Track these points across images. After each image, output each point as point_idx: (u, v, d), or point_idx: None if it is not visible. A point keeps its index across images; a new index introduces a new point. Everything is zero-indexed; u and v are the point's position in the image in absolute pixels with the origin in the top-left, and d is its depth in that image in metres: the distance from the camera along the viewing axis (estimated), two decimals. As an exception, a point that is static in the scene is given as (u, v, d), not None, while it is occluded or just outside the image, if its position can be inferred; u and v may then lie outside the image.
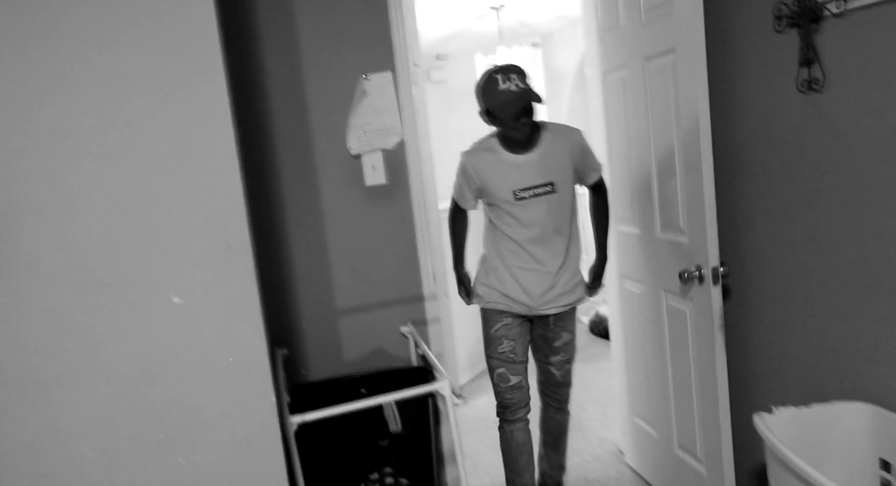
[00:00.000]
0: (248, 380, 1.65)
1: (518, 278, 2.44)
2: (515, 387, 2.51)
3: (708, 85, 2.06)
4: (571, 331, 2.59)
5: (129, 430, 1.59)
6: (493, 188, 2.39)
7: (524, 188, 2.36)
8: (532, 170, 2.36)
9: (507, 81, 2.22)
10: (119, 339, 1.57)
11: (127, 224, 1.55)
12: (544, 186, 2.36)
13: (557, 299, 2.48)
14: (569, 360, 2.62)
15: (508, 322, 2.50)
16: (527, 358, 2.56)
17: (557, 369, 2.61)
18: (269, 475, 1.69)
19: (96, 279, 1.54)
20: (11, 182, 1.49)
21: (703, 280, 2.17)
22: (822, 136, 1.82)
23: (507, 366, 2.50)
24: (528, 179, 2.36)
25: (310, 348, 2.71)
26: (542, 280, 2.44)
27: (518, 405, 2.53)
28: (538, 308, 2.47)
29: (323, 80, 2.58)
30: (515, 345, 2.50)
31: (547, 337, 2.57)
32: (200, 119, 1.56)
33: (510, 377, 2.50)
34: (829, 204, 1.84)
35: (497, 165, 2.38)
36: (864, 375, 1.82)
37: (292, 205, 2.63)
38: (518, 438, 2.56)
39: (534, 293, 2.44)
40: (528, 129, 2.30)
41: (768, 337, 2.16)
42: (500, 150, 2.39)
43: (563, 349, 2.58)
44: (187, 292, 1.59)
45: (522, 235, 2.41)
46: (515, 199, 2.37)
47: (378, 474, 2.45)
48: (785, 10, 1.85)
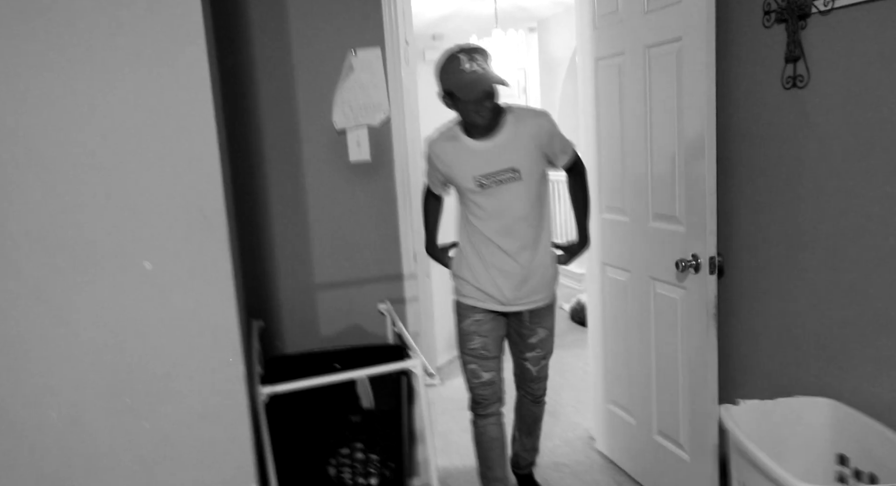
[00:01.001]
0: (217, 349, 1.66)
1: (490, 271, 2.36)
2: (487, 383, 2.46)
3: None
4: (548, 327, 2.51)
5: (94, 393, 1.59)
6: (456, 176, 2.31)
7: (487, 175, 2.26)
8: (495, 156, 2.26)
9: (471, 62, 2.12)
10: (87, 302, 1.56)
11: (98, 186, 1.54)
12: (508, 172, 2.26)
13: (531, 296, 2.39)
14: (545, 356, 2.55)
15: (479, 318, 2.42)
16: (500, 353, 2.50)
17: (533, 365, 2.55)
18: (235, 444, 1.70)
19: (65, 242, 1.53)
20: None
21: (699, 269, 2.19)
22: (803, 132, 1.83)
23: (479, 362, 2.44)
24: (491, 166, 2.26)
25: (287, 322, 2.71)
26: (513, 274, 2.34)
27: (490, 400, 2.49)
28: (511, 303, 2.39)
29: (311, 52, 2.56)
30: (487, 341, 2.43)
31: (522, 333, 2.49)
32: (178, 83, 1.55)
33: (482, 374, 2.45)
34: (806, 201, 1.85)
35: (459, 153, 2.29)
36: (828, 371, 1.85)
37: (275, 178, 2.61)
38: (490, 432, 2.52)
39: (505, 288, 2.35)
40: (489, 113, 2.20)
41: (745, 329, 2.18)
42: (462, 136, 2.29)
43: (539, 346, 2.50)
44: (159, 258, 1.58)
45: (489, 226, 2.31)
46: (478, 186, 2.27)
47: (349, 449, 2.46)
48: (774, 5, 1.85)
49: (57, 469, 1.59)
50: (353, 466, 2.46)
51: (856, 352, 1.75)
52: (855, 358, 1.75)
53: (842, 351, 1.79)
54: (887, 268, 1.63)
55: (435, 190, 2.50)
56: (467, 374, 2.48)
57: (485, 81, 2.10)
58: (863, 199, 1.67)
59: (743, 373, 2.22)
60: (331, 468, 2.45)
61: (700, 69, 2.07)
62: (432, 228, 2.61)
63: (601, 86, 2.73)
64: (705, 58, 2.04)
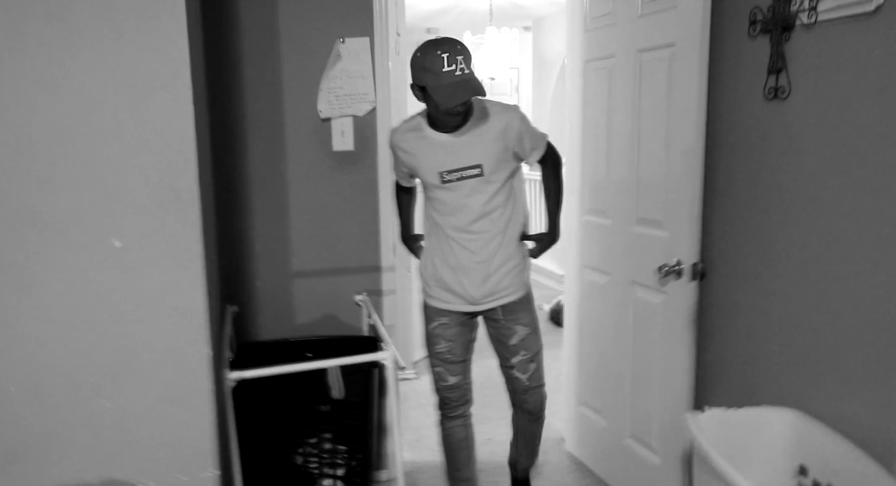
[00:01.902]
0: (184, 331, 1.64)
1: (453, 269, 2.27)
2: (453, 387, 2.39)
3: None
4: (528, 324, 2.35)
5: (56, 369, 1.57)
6: (419, 170, 2.23)
7: (450, 170, 2.18)
8: (460, 151, 2.17)
9: (453, 64, 1.98)
10: (53, 276, 1.54)
11: (69, 160, 1.52)
12: (471, 168, 2.17)
13: (498, 291, 2.29)
14: (532, 358, 2.37)
15: (445, 322, 2.33)
16: (467, 357, 2.41)
17: (521, 372, 2.36)
18: (197, 428, 1.69)
19: (33, 214, 1.51)
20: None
21: (681, 275, 2.19)
22: (783, 143, 1.83)
23: (445, 366, 2.36)
24: (455, 161, 2.17)
25: (262, 308, 2.70)
26: (475, 271, 2.25)
27: (457, 402, 2.42)
28: (479, 302, 2.29)
29: (299, 38, 2.54)
30: (453, 346, 2.34)
31: (501, 336, 2.35)
32: (156, 58, 1.53)
33: (447, 377, 2.37)
34: (782, 213, 1.86)
35: (423, 146, 2.21)
36: (795, 383, 1.86)
37: (256, 163, 2.60)
38: (457, 434, 2.46)
39: (469, 286, 2.26)
40: (460, 118, 2.12)
41: (718, 337, 2.19)
42: (427, 129, 2.20)
43: (522, 346, 2.34)
44: (129, 237, 1.57)
45: (449, 222, 2.23)
46: (442, 182, 2.19)
47: (316, 438, 2.46)
48: (760, 15, 1.86)
49: (13, 443, 1.58)
50: (320, 456, 2.45)
51: (823, 366, 1.76)
52: (822, 372, 1.77)
53: (810, 364, 1.81)
54: (857, 284, 1.64)
55: (402, 182, 2.43)
56: (433, 376, 2.41)
57: (465, 90, 2.00)
58: (836, 214, 1.68)
59: (715, 380, 2.23)
60: (298, 457, 2.45)
61: (692, 76, 2.07)
62: (406, 218, 2.55)
63: (589, 88, 2.73)
64: (698, 65, 2.04)
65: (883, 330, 1.58)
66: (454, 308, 2.32)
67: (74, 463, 1.61)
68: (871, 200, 1.58)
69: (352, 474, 2.48)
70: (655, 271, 2.29)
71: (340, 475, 2.47)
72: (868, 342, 1.62)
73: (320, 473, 2.45)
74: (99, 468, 1.63)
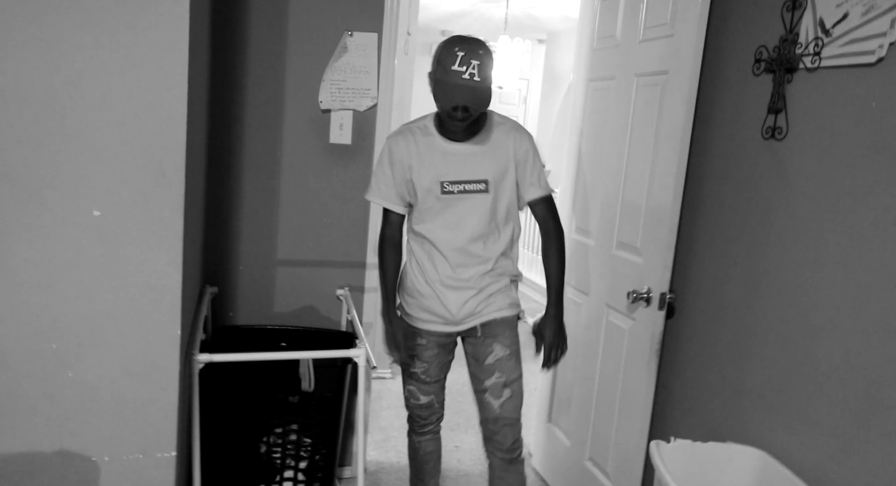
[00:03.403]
0: (156, 308, 1.63)
1: (433, 286, 2.12)
2: (425, 406, 2.29)
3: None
4: (507, 345, 2.14)
5: (20, 333, 1.55)
6: (418, 177, 2.06)
7: (453, 181, 2.04)
8: (466, 162, 2.04)
9: (466, 65, 1.85)
10: (26, 238, 1.53)
11: (56, 123, 1.50)
12: (476, 182, 2.04)
13: (483, 308, 2.14)
14: (507, 383, 2.13)
15: (422, 343, 2.19)
16: (442, 378, 2.29)
17: (493, 396, 2.13)
18: (159, 407, 1.68)
19: (12, 174, 1.49)
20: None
21: (649, 302, 2.19)
22: (775, 184, 1.83)
23: (418, 385, 2.25)
24: (460, 172, 2.04)
25: (242, 293, 2.68)
26: (460, 289, 2.11)
27: (428, 421, 2.33)
28: (460, 322, 2.15)
29: (307, 28, 2.53)
30: (429, 367, 2.22)
31: (476, 353, 2.16)
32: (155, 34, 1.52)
33: (420, 396, 2.27)
34: (767, 253, 1.86)
35: (427, 150, 2.05)
36: (763, 423, 1.85)
37: (252, 148, 2.58)
38: (426, 448, 2.38)
39: (451, 304, 2.11)
40: (462, 125, 1.97)
41: (692, 367, 2.18)
42: (435, 133, 2.06)
43: (498, 367, 2.12)
44: (109, 208, 1.55)
45: (440, 236, 2.08)
46: (442, 192, 2.04)
47: (283, 429, 2.44)
48: (765, 54, 1.86)
49: (-31, 405, 1.56)
50: (284, 447, 2.43)
51: (792, 409, 1.76)
52: (791, 415, 1.76)
53: (779, 406, 1.80)
54: (834, 333, 1.63)
55: (392, 206, 2.13)
56: (405, 393, 2.31)
57: (464, 96, 1.87)
58: (821, 261, 1.68)
59: (682, 413, 2.22)
60: (262, 446, 2.43)
61: (680, 106, 2.07)
62: (392, 279, 2.20)
63: (589, 107, 2.73)
64: (687, 95, 2.05)
65: (855, 381, 1.57)
66: (433, 328, 2.18)
67: (29, 431, 1.59)
68: (856, 248, 1.58)
69: (314, 468, 2.46)
70: (626, 295, 2.28)
71: (302, 467, 2.45)
72: (839, 391, 1.61)
73: (283, 464, 2.44)
74: (54, 439, 1.61)
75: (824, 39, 1.65)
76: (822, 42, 1.66)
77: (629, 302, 2.27)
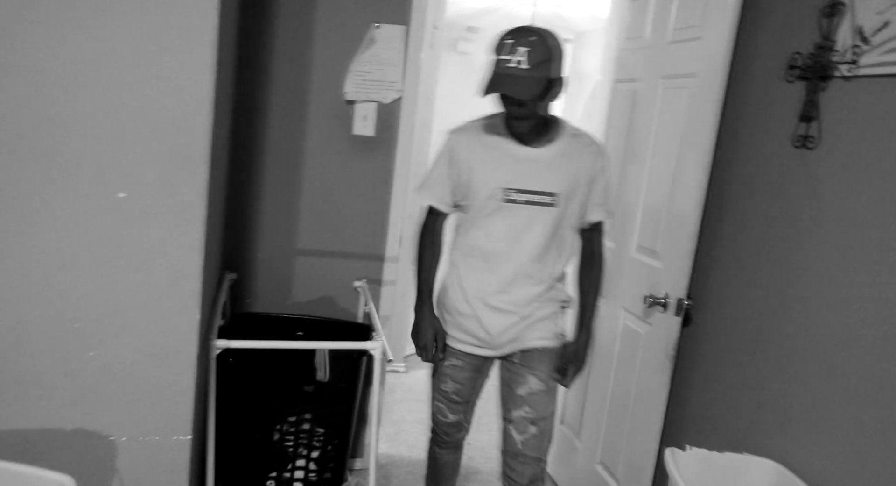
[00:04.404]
0: (176, 292, 1.64)
1: (476, 309, 1.95)
2: (452, 424, 2.15)
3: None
4: (544, 380, 1.97)
5: (43, 312, 1.57)
6: (479, 180, 1.88)
7: (519, 190, 1.86)
8: (536, 170, 1.86)
9: (513, 54, 1.71)
10: (52, 217, 1.54)
11: (85, 104, 1.52)
12: (545, 195, 1.86)
13: (522, 338, 1.98)
14: (535, 420, 1.95)
15: (458, 364, 2.04)
16: (474, 398, 2.15)
17: (518, 431, 1.96)
18: (177, 388, 1.69)
19: (41, 152, 1.51)
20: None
21: (666, 308, 2.17)
22: (805, 193, 1.80)
23: (448, 404, 2.11)
24: (528, 181, 1.86)
25: (260, 280, 2.69)
26: (505, 312, 1.94)
27: (452, 438, 2.20)
28: (500, 347, 2.00)
29: (334, 19, 2.53)
30: (461, 388, 2.07)
31: (510, 381, 2.01)
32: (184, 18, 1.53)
33: (448, 415, 2.12)
34: (793, 264, 1.83)
35: (492, 151, 1.89)
36: (782, 436, 1.83)
37: (276, 136, 2.59)
38: (446, 458, 2.26)
39: (493, 327, 1.95)
40: (522, 124, 1.82)
41: (709, 376, 2.16)
42: (504, 133, 1.89)
43: (529, 401, 1.95)
44: (133, 189, 1.57)
45: (496, 250, 1.91)
46: (504, 199, 1.86)
47: (296, 418, 2.45)
48: (799, 60, 1.82)
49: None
50: (297, 435, 2.45)
51: (812, 423, 1.73)
52: (810, 429, 1.73)
53: (799, 419, 1.77)
54: (859, 348, 1.60)
55: (441, 205, 1.98)
56: (433, 408, 2.16)
57: (504, 84, 1.72)
58: (851, 273, 1.64)
59: (695, 421, 2.20)
60: (275, 434, 2.44)
61: (707, 110, 2.04)
62: (429, 273, 2.05)
63: (615, 108, 2.71)
64: (715, 98, 2.01)
65: (880, 396, 1.54)
66: (470, 351, 2.02)
67: (49, 407, 1.61)
68: (886, 263, 1.55)
69: (326, 457, 2.47)
70: (643, 299, 2.26)
71: (314, 456, 2.46)
72: (862, 407, 1.59)
73: (295, 453, 2.45)
74: (73, 416, 1.63)
75: (863, 47, 1.62)
76: (860, 50, 1.63)
77: (646, 306, 2.25)
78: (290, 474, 2.44)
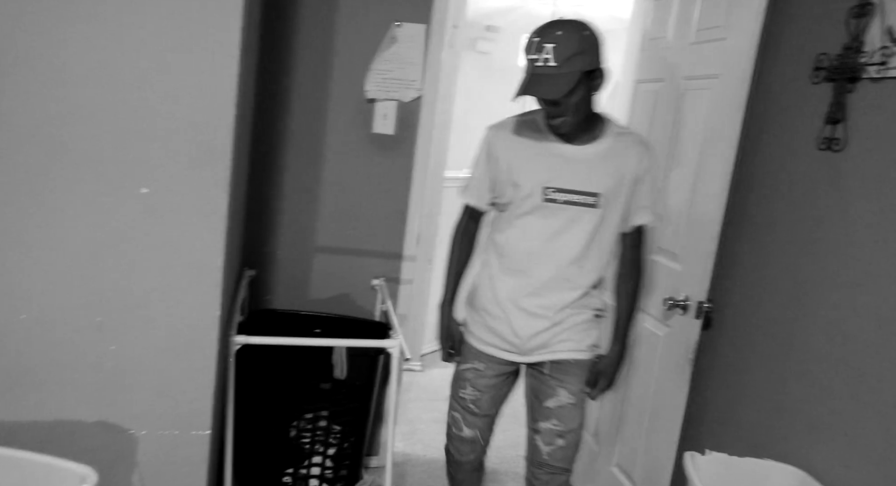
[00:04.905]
0: (198, 287, 1.65)
1: (506, 310, 1.86)
2: (466, 440, 2.00)
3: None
4: (575, 393, 1.88)
5: (67, 304, 1.59)
6: (516, 178, 1.80)
7: (560, 189, 1.77)
8: (578, 169, 1.77)
9: (538, 52, 1.62)
10: (77, 212, 1.56)
11: (108, 99, 1.53)
12: (586, 195, 1.77)
13: (552, 344, 1.88)
14: (563, 434, 1.89)
15: (480, 369, 1.94)
16: (493, 413, 2.02)
17: (545, 442, 1.90)
18: (197, 383, 1.70)
19: (65, 147, 1.52)
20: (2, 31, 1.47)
21: (686, 310, 2.15)
22: (829, 196, 1.78)
23: (464, 415, 1.98)
24: (569, 180, 1.77)
25: (278, 277, 2.70)
26: (536, 316, 1.85)
27: (465, 459, 2.04)
28: (529, 353, 1.89)
29: (355, 17, 2.53)
30: (480, 397, 1.96)
31: (538, 391, 1.92)
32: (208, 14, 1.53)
33: (463, 428, 1.99)
34: (816, 267, 1.80)
35: (532, 148, 1.80)
36: (804, 441, 1.80)
37: (296, 133, 2.60)
38: (460, 479, 2.12)
39: (523, 333, 1.86)
40: (563, 125, 1.73)
41: (730, 379, 2.14)
42: (545, 130, 1.80)
43: (557, 415, 1.88)
44: (156, 184, 1.58)
45: (532, 251, 1.82)
46: (543, 199, 1.78)
47: (313, 415, 2.46)
48: (826, 62, 1.80)
49: (15, 370, 1.60)
50: (314, 432, 2.45)
51: (836, 429, 1.70)
52: (834, 435, 1.71)
53: (823, 425, 1.75)
54: (889, 351, 1.58)
55: (480, 204, 1.93)
56: (448, 420, 2.04)
57: (531, 85, 1.65)
58: (878, 277, 1.62)
59: (716, 425, 2.18)
60: (292, 430, 2.45)
61: (730, 111, 2.01)
62: (459, 272, 2.02)
63: (636, 109, 2.69)
64: (738, 100, 1.99)
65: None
66: (495, 354, 1.92)
67: (71, 400, 1.63)
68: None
69: (342, 455, 2.47)
70: (662, 302, 2.25)
71: (331, 454, 2.47)
72: (890, 413, 1.56)
73: (311, 450, 2.45)
74: (94, 409, 1.65)
75: (892, 48, 1.60)
76: (890, 51, 1.61)
77: (665, 309, 2.23)
78: (307, 470, 2.45)
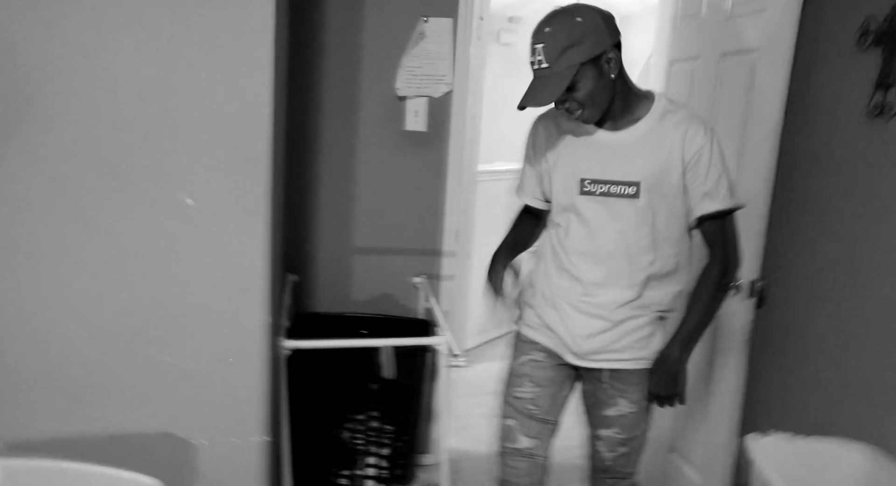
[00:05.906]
0: (245, 295, 1.67)
1: (560, 308, 1.71)
2: (524, 453, 1.77)
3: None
4: (636, 401, 1.73)
5: (124, 319, 1.62)
6: (556, 170, 1.69)
7: (595, 180, 1.62)
8: (616, 156, 1.61)
9: (534, 54, 1.51)
10: (127, 226, 1.59)
11: (150, 113, 1.55)
12: (624, 185, 1.60)
13: (609, 351, 1.70)
14: (625, 441, 1.76)
15: (539, 360, 1.76)
16: (555, 420, 1.81)
17: (607, 449, 1.78)
18: (251, 392, 1.71)
19: (109, 160, 1.55)
20: (45, 48, 1.49)
21: (738, 290, 2.10)
22: (882, 165, 1.72)
23: (520, 419, 1.77)
24: (606, 169, 1.62)
25: (321, 281, 2.72)
26: (592, 321, 1.68)
27: (520, 479, 1.80)
28: (585, 357, 1.72)
29: (382, 14, 2.53)
30: (540, 394, 1.76)
31: (597, 399, 1.77)
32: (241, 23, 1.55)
33: (518, 437, 1.77)
34: (873, 238, 1.75)
35: (570, 138, 1.67)
36: (873, 417, 1.75)
37: (329, 135, 2.61)
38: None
39: (578, 329, 1.69)
40: (584, 117, 1.58)
41: (787, 359, 2.09)
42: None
43: (618, 423, 1.74)
44: (200, 196, 1.59)
45: (575, 248, 1.68)
46: (580, 191, 1.64)
47: (364, 416, 2.47)
48: (873, 25, 1.74)
49: (78, 385, 1.64)
50: (366, 433, 2.46)
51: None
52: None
53: (891, 399, 1.70)
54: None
55: (534, 202, 1.81)
56: (499, 431, 1.82)
57: (528, 93, 1.53)
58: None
59: (776, 405, 2.13)
60: (345, 432, 2.46)
61: (772, 84, 1.96)
62: (513, 237, 1.88)
63: (671, 90, 2.64)
64: (781, 73, 1.94)
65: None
66: (552, 346, 1.76)
67: (134, 413, 1.66)
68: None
69: (396, 454, 2.48)
70: None
71: (385, 454, 2.47)
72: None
73: (366, 450, 2.46)
74: (156, 421, 1.67)
75: (943, 5, 1.54)
76: (940, 8, 1.54)
77: None
78: (362, 471, 2.46)
